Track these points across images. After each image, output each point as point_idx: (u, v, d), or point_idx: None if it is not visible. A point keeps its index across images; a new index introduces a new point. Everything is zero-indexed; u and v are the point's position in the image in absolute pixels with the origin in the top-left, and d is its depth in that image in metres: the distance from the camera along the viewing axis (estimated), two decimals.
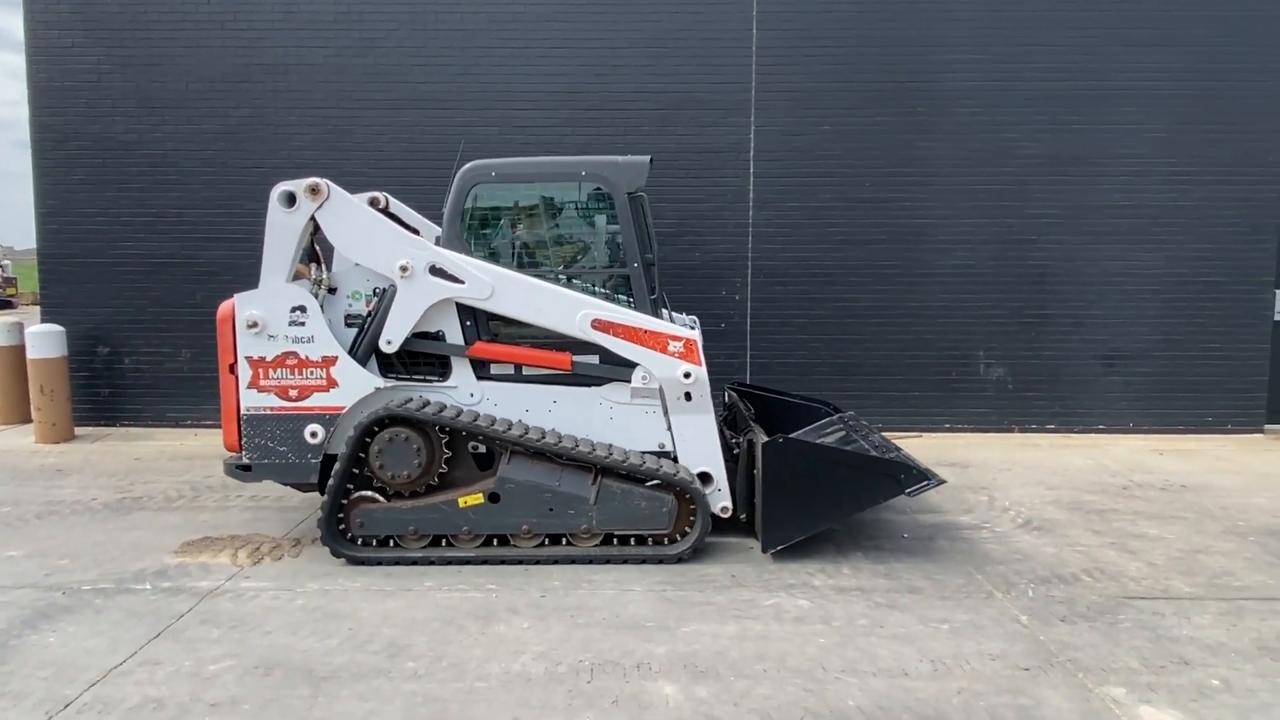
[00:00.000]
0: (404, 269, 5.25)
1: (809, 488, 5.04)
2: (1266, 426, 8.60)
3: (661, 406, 5.39)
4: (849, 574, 4.98)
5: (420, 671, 3.80)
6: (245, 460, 5.28)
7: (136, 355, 8.78)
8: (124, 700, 3.56)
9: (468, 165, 5.48)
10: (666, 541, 5.15)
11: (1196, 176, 8.38)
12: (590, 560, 5.08)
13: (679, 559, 5.10)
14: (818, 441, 5.61)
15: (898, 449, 5.58)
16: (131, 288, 8.71)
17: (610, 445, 5.32)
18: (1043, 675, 3.81)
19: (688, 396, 5.32)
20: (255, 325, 5.22)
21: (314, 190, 5.24)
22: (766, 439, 5.10)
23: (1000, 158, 8.40)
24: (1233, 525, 5.88)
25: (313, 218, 5.28)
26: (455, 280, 5.29)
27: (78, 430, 8.61)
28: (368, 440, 5.06)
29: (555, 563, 5.07)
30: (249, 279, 8.60)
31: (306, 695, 3.60)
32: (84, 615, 4.40)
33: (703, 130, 8.43)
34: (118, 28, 8.52)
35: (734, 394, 6.76)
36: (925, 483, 5.09)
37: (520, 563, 5.07)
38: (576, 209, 5.67)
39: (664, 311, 5.72)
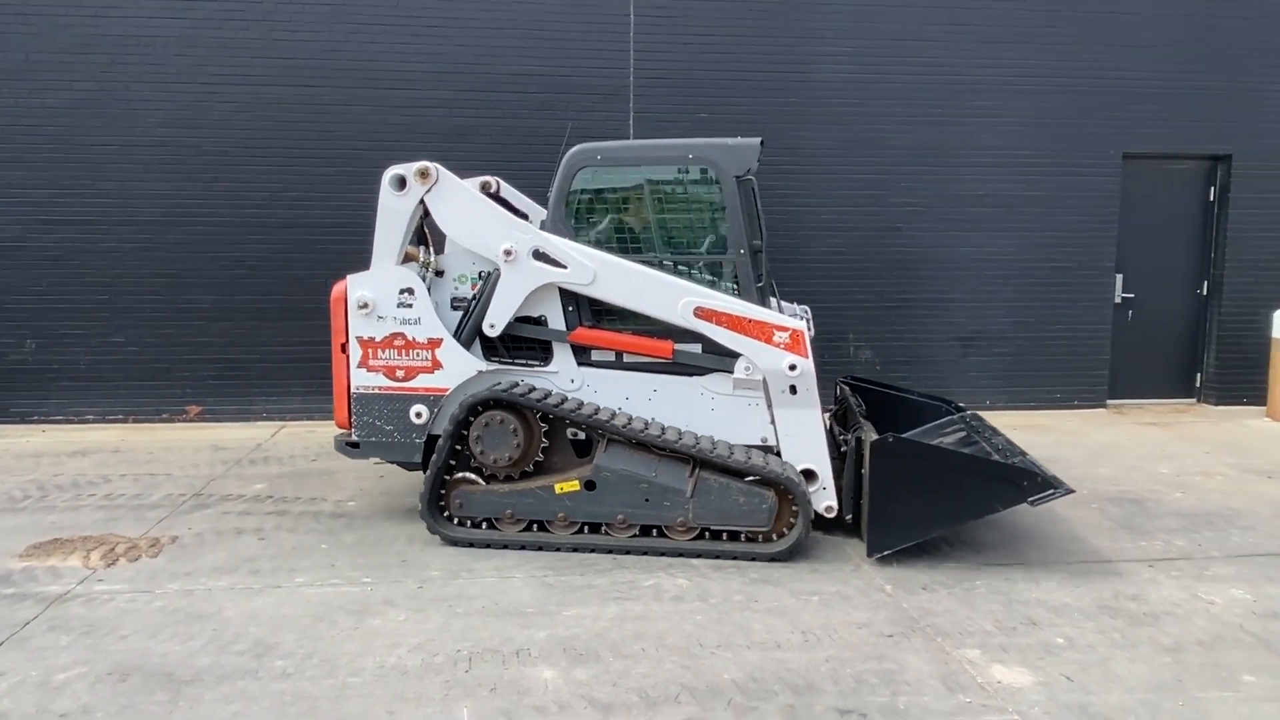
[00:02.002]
0: (508, 253, 5.21)
1: (919, 491, 4.76)
2: (1109, 402, 9.26)
3: (765, 399, 5.19)
4: None
5: (290, 670, 3.68)
6: (354, 438, 5.38)
7: None
8: None
9: (574, 149, 5.36)
10: (764, 539, 4.97)
11: (1047, 168, 8.90)
12: (687, 554, 4.96)
13: (778, 558, 4.91)
14: (936, 443, 5.41)
15: (1023, 453, 5.22)
16: None
17: (710, 437, 5.16)
18: (905, 641, 4.01)
19: (793, 390, 5.10)
20: (365, 306, 5.29)
21: (423, 174, 5.31)
22: (875, 437, 4.90)
23: (869, 148, 8.70)
24: (1079, 495, 6.31)
25: (422, 201, 5.32)
26: (558, 265, 5.22)
27: None
28: (469, 422, 5.08)
29: (646, 554, 4.97)
30: (101, 263, 8.14)
31: (166, 701, 3.44)
32: None
33: (583, 115, 8.38)
34: None
35: (846, 388, 6.53)
36: (1051, 491, 4.67)
37: (611, 552, 5.01)
38: (683, 193, 5.49)
39: (772, 301, 5.59)
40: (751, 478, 4.95)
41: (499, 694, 3.50)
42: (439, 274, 5.60)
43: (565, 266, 5.21)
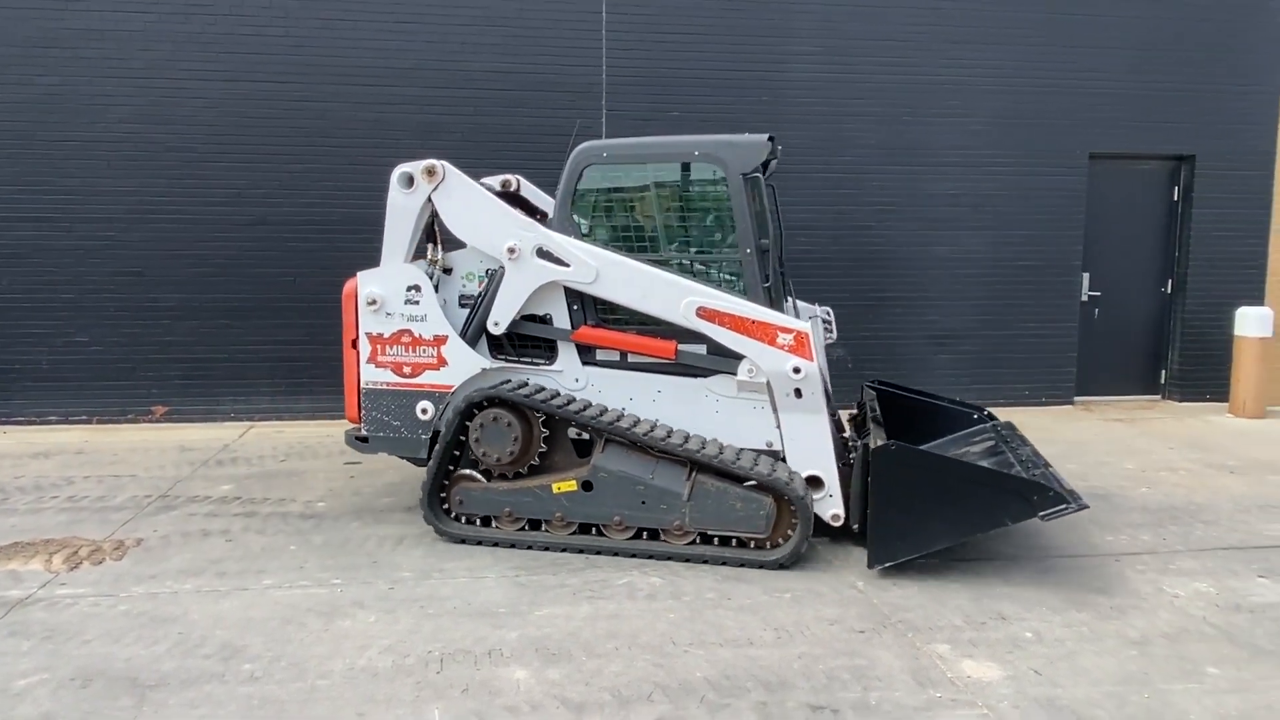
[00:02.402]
0: (511, 251, 5.20)
1: (925, 501, 4.54)
2: (1076, 398, 9.38)
3: (770, 402, 5.05)
4: None
5: (257, 673, 3.63)
6: (364, 432, 5.44)
7: None
8: None
9: (580, 146, 5.30)
10: (762, 546, 4.84)
11: (1016, 168, 9.00)
12: (685, 559, 4.86)
13: (778, 566, 4.76)
14: (958, 453, 5.21)
15: (1047, 465, 5.02)
16: None
17: (711, 440, 5.05)
18: (876, 636, 4.03)
19: (798, 393, 4.94)
20: (374, 303, 5.34)
21: (430, 172, 5.34)
22: (879, 444, 4.73)
23: (840, 147, 8.75)
24: None
25: (430, 198, 5.34)
26: (561, 263, 5.17)
27: None
28: (469, 419, 5.07)
29: (651, 558, 4.89)
30: (64, 261, 7.98)
31: (130, 706, 3.38)
32: None
33: (555, 113, 8.35)
34: None
35: (872, 392, 6.27)
36: (1064, 506, 4.39)
37: (616, 554, 4.94)
38: (690, 190, 5.39)
39: (789, 301, 5.53)
40: (750, 483, 4.84)
41: (471, 695, 3.48)
42: (447, 271, 5.60)
43: (568, 265, 5.17)
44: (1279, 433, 8.28)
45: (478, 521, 5.16)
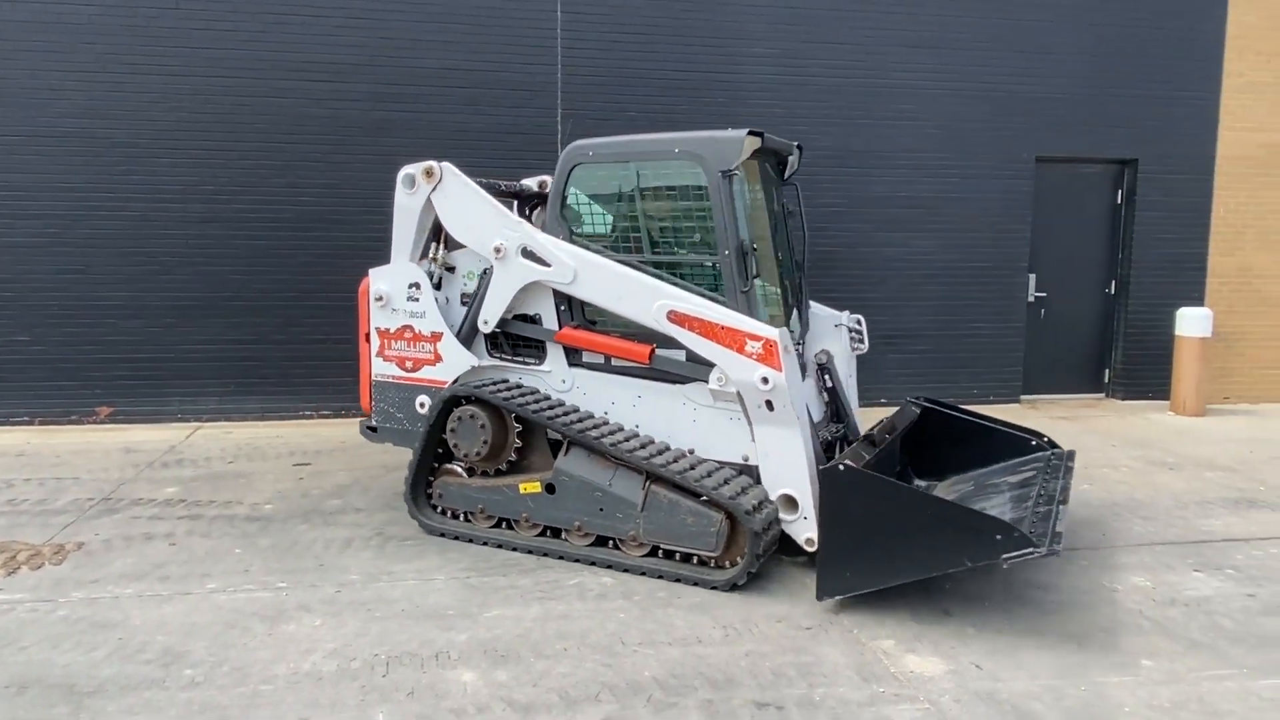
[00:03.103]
0: (497, 250, 5.25)
1: (879, 532, 4.09)
2: (1022, 397, 9.57)
3: (745, 414, 4.77)
4: None
5: (198, 679, 3.57)
6: (374, 423, 5.67)
7: None
8: None
9: (570, 145, 5.22)
10: (714, 564, 4.58)
11: (964, 170, 9.16)
12: (641, 571, 4.68)
13: (730, 587, 4.47)
14: (986, 483, 4.80)
15: (1063, 501, 4.54)
16: None
17: (675, 450, 4.85)
18: (823, 633, 4.08)
19: (769, 405, 4.62)
20: (381, 299, 5.56)
21: (428, 173, 5.46)
22: (828, 464, 4.33)
23: None
24: None
25: (429, 199, 5.49)
26: (543, 264, 5.15)
27: None
28: (447, 416, 5.15)
29: (610, 567, 4.75)
30: (4, 259, 7.77)
31: (66, 714, 3.31)
32: None
33: (511, 111, 8.34)
34: None
35: (914, 410, 5.72)
36: (1029, 550, 3.84)
37: (579, 560, 4.83)
38: (671, 190, 5.16)
39: (800, 307, 5.52)
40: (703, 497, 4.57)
41: (416, 698, 3.46)
42: (450, 269, 5.67)
43: (550, 265, 5.15)
44: (1217, 430, 8.53)
45: (461, 516, 5.23)
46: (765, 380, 4.58)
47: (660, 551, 4.73)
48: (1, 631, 3.96)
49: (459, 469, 5.23)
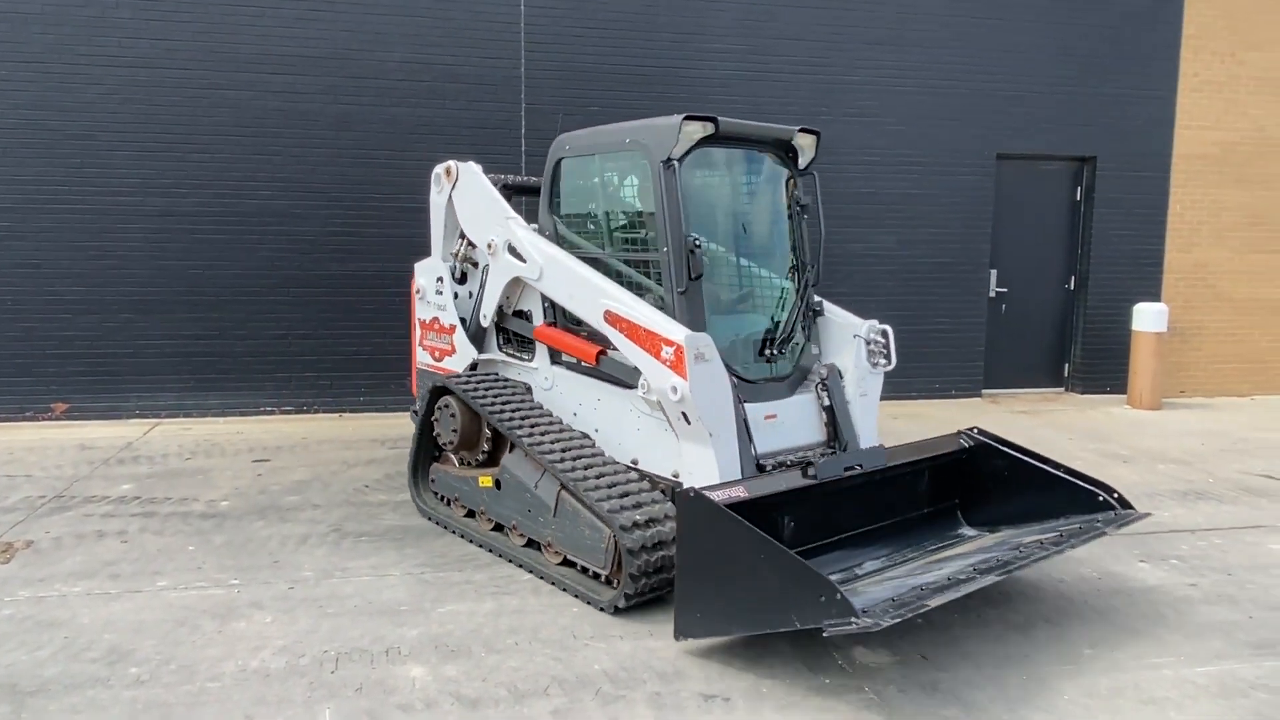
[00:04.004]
0: (489, 246, 5.37)
1: (722, 575, 3.61)
2: (984, 391, 9.69)
3: (670, 426, 4.45)
4: None
5: (144, 677, 3.55)
6: (416, 407, 5.79)
7: None
8: None
9: (556, 139, 5.20)
10: (605, 581, 4.28)
11: (926, 167, 9.25)
12: (552, 581, 4.47)
13: (614, 610, 4.14)
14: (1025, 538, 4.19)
15: (1055, 549, 4.07)
16: None
17: (599, 457, 4.57)
18: None
19: (685, 418, 4.27)
20: (419, 291, 6.03)
21: (448, 172, 5.74)
22: (683, 487, 3.91)
23: None
24: None
25: (450, 197, 5.76)
26: (521, 259, 5.20)
27: None
28: (434, 405, 5.38)
29: (533, 573, 4.58)
30: None
31: (7, 713, 3.28)
32: None
33: (473, 105, 8.31)
34: None
35: (965, 443, 4.89)
36: (849, 621, 3.20)
37: (512, 561, 4.72)
38: (628, 182, 4.97)
39: (818, 312, 5.15)
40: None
41: (364, 694, 3.46)
42: (474, 265, 5.85)
43: (525, 261, 5.16)
44: (1172, 424, 8.69)
45: (449, 502, 5.38)
46: (674, 389, 4.22)
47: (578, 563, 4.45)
48: None
49: (453, 457, 5.38)
